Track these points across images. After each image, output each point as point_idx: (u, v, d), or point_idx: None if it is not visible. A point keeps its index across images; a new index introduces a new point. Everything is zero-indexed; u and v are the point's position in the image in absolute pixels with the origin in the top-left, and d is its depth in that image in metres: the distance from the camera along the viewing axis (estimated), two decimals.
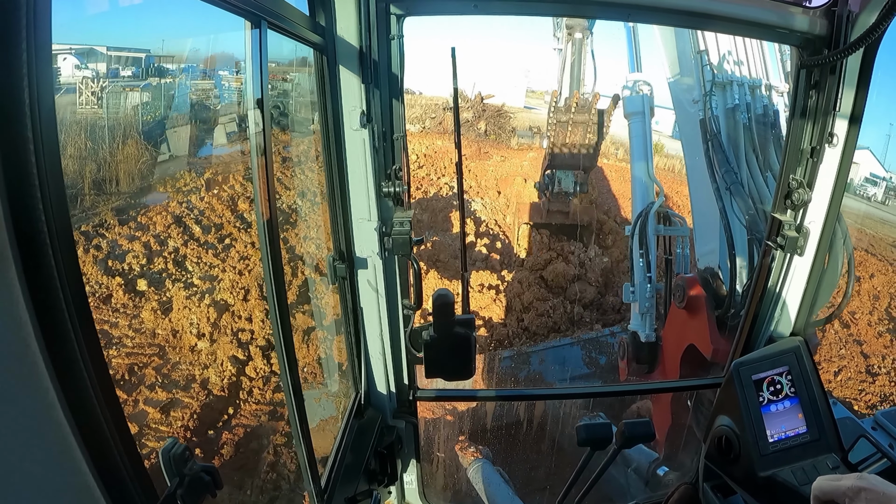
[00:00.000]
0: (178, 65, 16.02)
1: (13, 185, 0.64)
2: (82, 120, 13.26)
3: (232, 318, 10.17)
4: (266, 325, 9.99)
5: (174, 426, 8.27)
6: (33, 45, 0.64)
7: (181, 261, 10.94)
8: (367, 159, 2.15)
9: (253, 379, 9.37)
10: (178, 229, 11.61)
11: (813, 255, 2.49)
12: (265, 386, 9.28)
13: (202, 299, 10.29)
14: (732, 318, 5.14)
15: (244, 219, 12.29)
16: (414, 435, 2.84)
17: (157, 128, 14.03)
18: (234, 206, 12.55)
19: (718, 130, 5.25)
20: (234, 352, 9.61)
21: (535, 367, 10.75)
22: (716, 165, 5.16)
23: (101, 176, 12.08)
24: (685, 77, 5.81)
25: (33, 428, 0.69)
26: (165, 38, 17.41)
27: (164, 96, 15.46)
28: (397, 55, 2.11)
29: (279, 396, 8.93)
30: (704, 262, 5.93)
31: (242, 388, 9.15)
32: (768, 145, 5.17)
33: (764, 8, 2.14)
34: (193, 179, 13.11)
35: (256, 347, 9.75)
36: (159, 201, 12.27)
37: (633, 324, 6.82)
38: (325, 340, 9.70)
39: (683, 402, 5.67)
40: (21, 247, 0.65)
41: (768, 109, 5.28)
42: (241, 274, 10.79)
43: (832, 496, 1.31)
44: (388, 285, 2.41)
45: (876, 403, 10.68)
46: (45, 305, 0.68)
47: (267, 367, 9.50)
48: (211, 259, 11.11)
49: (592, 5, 2.27)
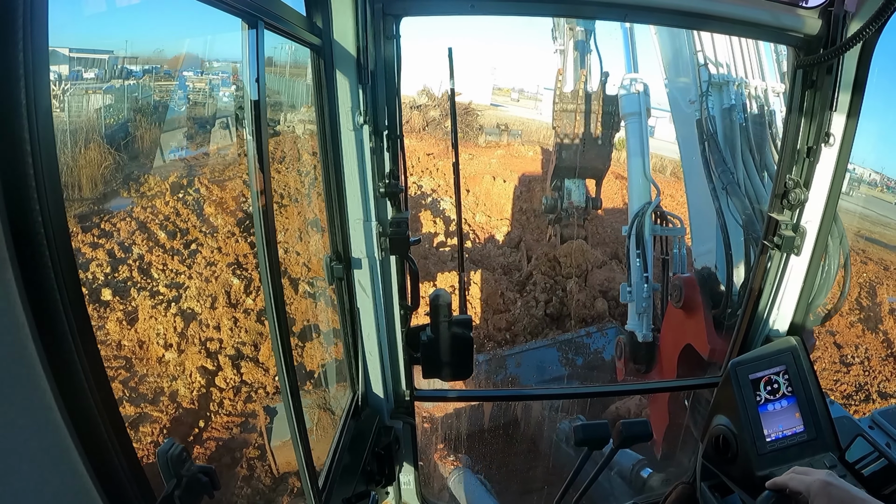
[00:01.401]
0: (142, 66, 15.76)
1: (10, 186, 0.64)
2: None
3: (228, 319, 10.10)
4: (249, 332, 9.86)
5: (174, 426, 8.24)
6: (30, 46, 0.64)
7: (146, 268, 10.69)
8: (364, 160, 2.15)
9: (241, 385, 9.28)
10: (143, 235, 11.33)
11: (809, 255, 2.50)
12: (255, 392, 9.19)
13: (183, 303, 10.15)
14: (729, 317, 5.16)
15: (210, 223, 12.05)
16: (411, 435, 2.84)
17: (119, 131, 13.81)
18: (199, 211, 12.29)
19: (715, 131, 5.26)
20: (230, 352, 9.54)
21: (512, 370, 10.52)
22: (712, 166, 5.17)
23: (64, 182, 11.61)
24: (681, 77, 5.82)
25: (31, 429, 0.69)
26: (162, 39, 17.37)
27: (128, 98, 15.24)
28: (394, 56, 2.12)
29: (274, 400, 8.87)
30: (701, 261, 5.94)
31: (213, 399, 9.01)
32: (765, 145, 5.18)
33: (760, 8, 2.15)
34: (158, 183, 12.85)
35: (225, 357, 9.58)
36: (123, 207, 11.98)
37: (630, 324, 6.82)
38: (322, 341, 9.68)
39: (681, 402, 5.68)
40: (18, 248, 0.64)
41: (764, 110, 5.30)
42: (208, 281, 10.58)
43: (796, 488, 1.37)
44: (386, 285, 2.41)
45: (851, 393, 10.76)
46: (43, 307, 0.68)
47: (258, 373, 9.40)
48: (177, 265, 10.89)
49: (589, 5, 2.27)
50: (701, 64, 5.42)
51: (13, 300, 0.64)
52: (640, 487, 5.98)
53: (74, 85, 14.33)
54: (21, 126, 0.64)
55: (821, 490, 1.36)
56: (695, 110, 5.47)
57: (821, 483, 1.37)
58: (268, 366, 9.37)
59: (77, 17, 11.62)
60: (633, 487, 6.06)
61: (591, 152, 11.71)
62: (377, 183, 2.21)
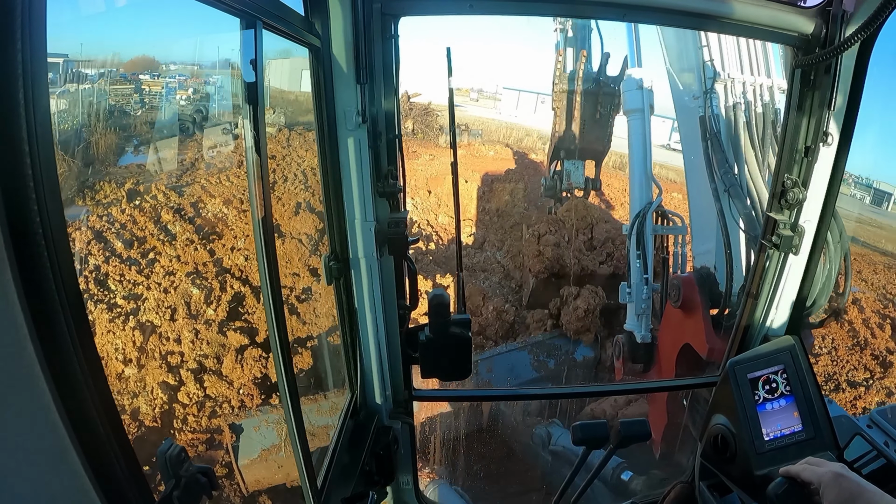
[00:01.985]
0: (96, 69, 15.53)
1: (9, 186, 0.64)
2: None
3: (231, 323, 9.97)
4: (237, 335, 9.67)
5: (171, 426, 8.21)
6: (28, 45, 0.64)
7: (103, 280, 10.29)
8: (363, 160, 2.15)
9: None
10: (99, 245, 10.92)
11: (808, 254, 2.50)
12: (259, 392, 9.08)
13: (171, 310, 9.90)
14: (728, 317, 5.16)
15: (169, 231, 11.69)
16: (410, 435, 2.84)
17: (74, 137, 13.31)
18: (157, 218, 11.91)
19: (718, 130, 5.20)
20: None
21: (484, 375, 10.29)
22: (715, 166, 5.11)
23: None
24: (686, 72, 5.72)
25: (30, 430, 0.68)
26: (161, 39, 17.26)
27: (82, 103, 14.69)
28: (392, 55, 2.12)
29: (273, 401, 8.78)
30: (701, 261, 5.94)
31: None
32: (768, 144, 5.14)
33: (758, 8, 2.15)
34: (114, 190, 12.46)
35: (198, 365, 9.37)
36: (77, 216, 11.45)
37: (628, 323, 6.83)
38: (320, 341, 9.59)
39: (679, 401, 5.68)
40: (17, 248, 0.64)
41: (769, 108, 5.23)
42: (166, 292, 10.24)
43: (808, 478, 1.40)
44: (384, 285, 2.40)
45: (822, 383, 10.72)
46: (41, 307, 0.68)
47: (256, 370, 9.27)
48: (135, 276, 10.49)
49: (589, 5, 2.27)
50: (706, 60, 5.34)
51: (12, 300, 0.64)
52: (621, 490, 6.00)
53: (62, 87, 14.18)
54: (20, 126, 0.64)
55: (832, 481, 1.38)
56: (698, 106, 5.39)
57: (832, 474, 1.40)
58: (263, 368, 9.25)
59: (77, 17, 11.53)
60: (615, 490, 6.08)
61: (590, 133, 11.54)
62: (375, 183, 2.21)
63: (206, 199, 12.41)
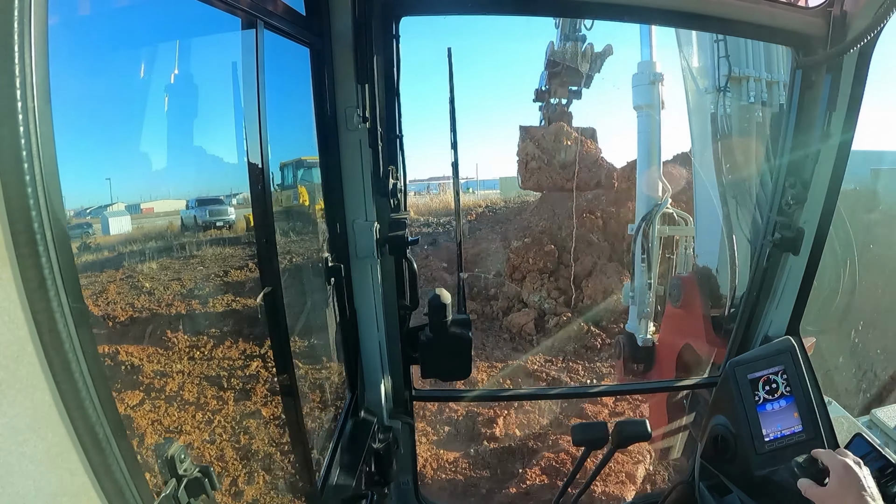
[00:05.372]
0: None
1: (9, 186, 0.64)
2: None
3: None
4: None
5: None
6: (29, 46, 0.64)
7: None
8: (363, 159, 2.15)
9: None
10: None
11: (808, 255, 2.50)
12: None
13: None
14: (728, 318, 5.13)
15: None
16: (410, 436, 2.83)
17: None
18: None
19: (730, 132, 5.07)
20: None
21: None
22: (723, 169, 5.00)
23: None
24: (699, 63, 5.43)
25: (30, 428, 0.68)
26: (159, 39, 17.20)
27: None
28: (393, 55, 2.12)
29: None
30: (703, 261, 5.90)
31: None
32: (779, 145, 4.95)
33: (760, 8, 2.14)
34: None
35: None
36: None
37: (630, 325, 6.81)
38: (320, 340, 9.55)
39: (679, 402, 5.67)
40: (18, 248, 0.64)
41: (784, 108, 5.01)
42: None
43: (826, 462, 1.50)
44: (384, 285, 2.41)
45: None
46: (42, 306, 0.68)
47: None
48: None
49: (589, 5, 2.27)
50: (721, 55, 5.02)
51: (12, 300, 0.64)
52: None
53: None
54: (20, 126, 0.64)
55: (839, 468, 1.45)
56: (710, 102, 5.19)
57: (844, 463, 1.46)
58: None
59: (77, 18, 11.52)
60: None
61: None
62: (376, 182, 2.21)
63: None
